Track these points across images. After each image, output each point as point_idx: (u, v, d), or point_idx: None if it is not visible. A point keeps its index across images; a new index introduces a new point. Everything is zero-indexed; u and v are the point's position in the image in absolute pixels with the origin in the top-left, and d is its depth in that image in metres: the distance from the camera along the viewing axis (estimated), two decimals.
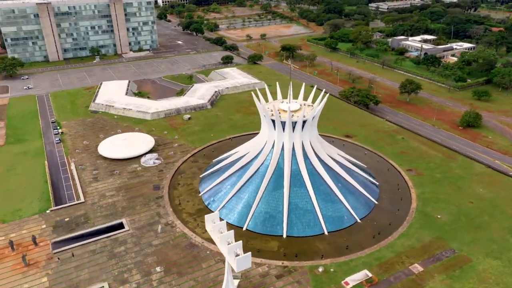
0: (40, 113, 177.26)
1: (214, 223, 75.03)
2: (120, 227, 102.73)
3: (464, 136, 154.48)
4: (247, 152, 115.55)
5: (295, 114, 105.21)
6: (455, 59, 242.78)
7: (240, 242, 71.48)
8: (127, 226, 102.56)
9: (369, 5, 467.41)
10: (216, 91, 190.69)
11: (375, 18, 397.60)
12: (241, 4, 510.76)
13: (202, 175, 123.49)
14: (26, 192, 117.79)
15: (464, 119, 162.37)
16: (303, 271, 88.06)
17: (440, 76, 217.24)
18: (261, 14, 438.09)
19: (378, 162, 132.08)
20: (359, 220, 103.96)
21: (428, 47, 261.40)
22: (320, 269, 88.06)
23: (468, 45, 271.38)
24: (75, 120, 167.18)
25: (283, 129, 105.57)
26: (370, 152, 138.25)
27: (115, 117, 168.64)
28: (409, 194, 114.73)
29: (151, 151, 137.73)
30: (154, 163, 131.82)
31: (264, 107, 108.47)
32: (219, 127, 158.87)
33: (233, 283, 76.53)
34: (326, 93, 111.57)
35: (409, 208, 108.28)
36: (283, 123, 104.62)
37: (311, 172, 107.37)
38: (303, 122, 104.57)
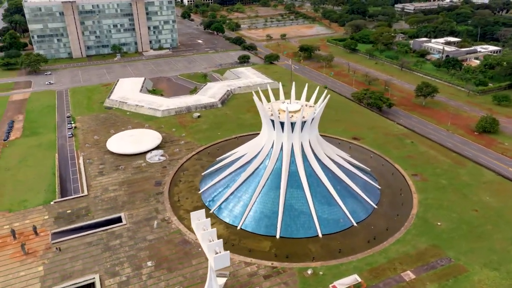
0: (58, 107, 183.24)
1: (199, 220, 75.86)
2: (118, 221, 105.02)
3: (479, 142, 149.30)
4: (247, 151, 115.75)
5: (295, 115, 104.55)
6: (478, 62, 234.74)
7: (221, 240, 71.82)
8: (124, 220, 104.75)
9: (395, 6, 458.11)
10: (228, 90, 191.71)
11: (400, 19, 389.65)
12: (265, 4, 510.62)
13: (204, 173, 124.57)
14: (34, 184, 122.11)
15: (480, 124, 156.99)
16: (291, 273, 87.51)
17: (460, 80, 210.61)
18: (283, 14, 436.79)
19: (383, 165, 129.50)
20: (356, 224, 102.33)
21: (450, 50, 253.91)
22: (309, 271, 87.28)
23: (493, 48, 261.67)
24: (89, 116, 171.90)
25: (282, 129, 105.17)
26: (376, 155, 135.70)
27: (128, 113, 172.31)
28: (411, 199, 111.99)
29: (157, 148, 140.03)
30: (159, 160, 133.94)
31: (264, 107, 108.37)
32: (227, 126, 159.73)
33: (216, 281, 76.82)
34: (327, 94, 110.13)
35: (409, 214, 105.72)
36: (282, 124, 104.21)
37: (309, 174, 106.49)
38: (303, 123, 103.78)
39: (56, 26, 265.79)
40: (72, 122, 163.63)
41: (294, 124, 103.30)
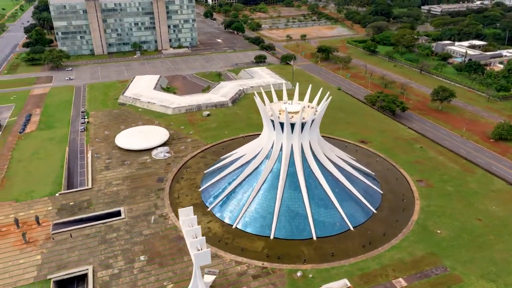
0: (74, 102, 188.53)
1: (186, 216, 76.69)
2: (117, 214, 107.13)
3: (494, 149, 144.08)
4: (248, 151, 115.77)
5: (295, 116, 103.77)
6: (502, 67, 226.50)
7: (203, 238, 72.55)
8: (123, 214, 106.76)
9: (421, 7, 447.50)
10: (240, 90, 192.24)
11: (425, 21, 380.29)
12: (288, 4, 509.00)
13: (206, 171, 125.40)
14: (43, 176, 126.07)
15: (497, 131, 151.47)
16: (281, 274, 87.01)
17: (480, 85, 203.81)
18: (306, 15, 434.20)
19: (388, 170, 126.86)
20: (352, 228, 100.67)
21: (474, 53, 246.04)
22: (299, 273, 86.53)
23: None
24: (103, 111, 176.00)
25: (282, 130, 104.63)
26: (382, 159, 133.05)
27: (140, 110, 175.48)
28: (413, 205, 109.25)
29: (164, 145, 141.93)
30: (164, 156, 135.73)
31: (265, 107, 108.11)
32: (235, 125, 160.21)
33: (201, 279, 77.34)
34: (329, 96, 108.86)
35: (408, 220, 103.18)
36: (282, 124, 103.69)
37: (308, 175, 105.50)
38: (302, 124, 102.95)
39: (79, 23, 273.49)
40: (86, 117, 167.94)
41: (294, 125, 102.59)
